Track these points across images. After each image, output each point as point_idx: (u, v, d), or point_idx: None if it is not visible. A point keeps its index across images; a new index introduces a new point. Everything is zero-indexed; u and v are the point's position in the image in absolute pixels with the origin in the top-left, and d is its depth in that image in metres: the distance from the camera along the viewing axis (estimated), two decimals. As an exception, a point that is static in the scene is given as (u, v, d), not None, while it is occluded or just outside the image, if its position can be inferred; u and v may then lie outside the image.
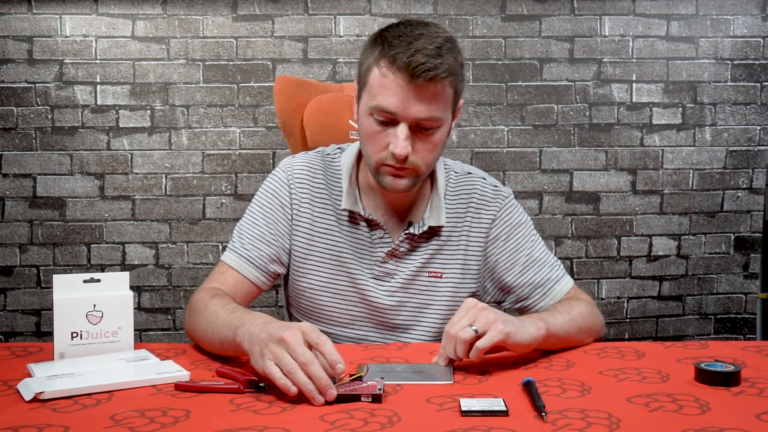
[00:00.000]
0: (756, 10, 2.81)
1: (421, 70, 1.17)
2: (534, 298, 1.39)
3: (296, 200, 1.39)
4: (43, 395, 0.96)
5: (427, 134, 1.24)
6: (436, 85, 1.20)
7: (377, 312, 1.38)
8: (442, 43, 1.20)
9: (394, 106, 1.20)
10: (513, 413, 0.92)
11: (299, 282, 1.41)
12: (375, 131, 1.25)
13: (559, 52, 2.77)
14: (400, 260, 1.37)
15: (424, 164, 1.26)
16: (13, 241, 2.68)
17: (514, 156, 2.78)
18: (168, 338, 2.74)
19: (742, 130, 2.84)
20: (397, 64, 1.19)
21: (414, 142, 1.23)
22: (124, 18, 2.66)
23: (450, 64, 1.20)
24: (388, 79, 1.20)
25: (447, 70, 1.19)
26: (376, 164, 1.28)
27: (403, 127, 1.21)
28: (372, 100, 1.23)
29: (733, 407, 0.94)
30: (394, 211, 1.38)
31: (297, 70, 2.70)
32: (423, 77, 1.17)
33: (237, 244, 1.39)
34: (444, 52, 1.20)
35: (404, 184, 1.27)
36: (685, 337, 2.91)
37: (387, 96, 1.21)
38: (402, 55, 1.18)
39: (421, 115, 1.21)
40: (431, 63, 1.17)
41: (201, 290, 1.33)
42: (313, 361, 0.97)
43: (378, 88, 1.22)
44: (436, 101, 1.21)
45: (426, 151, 1.25)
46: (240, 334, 1.08)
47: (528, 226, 1.43)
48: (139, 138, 2.69)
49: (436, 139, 1.25)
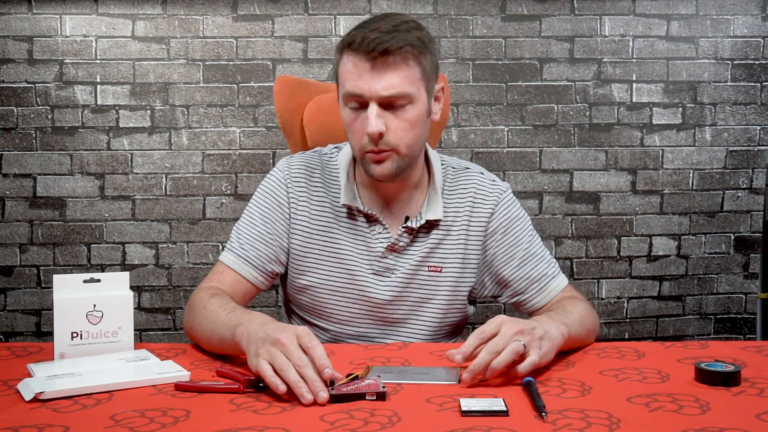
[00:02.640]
0: (756, 10, 2.81)
1: (375, 44, 1.21)
2: (530, 293, 1.40)
3: (294, 199, 1.40)
4: (43, 395, 0.96)
5: (399, 111, 1.26)
6: (395, 58, 1.23)
7: (377, 307, 1.39)
8: (400, 23, 1.25)
9: (359, 88, 1.24)
10: (513, 413, 0.92)
11: (298, 280, 1.41)
12: (352, 119, 1.28)
13: (559, 52, 2.77)
14: (400, 255, 1.38)
15: (403, 144, 1.27)
16: (13, 241, 2.68)
17: (514, 156, 2.78)
18: (168, 338, 2.74)
19: (742, 130, 2.84)
20: (354, 46, 1.24)
21: (388, 121, 1.25)
22: (124, 18, 2.66)
23: (407, 38, 1.23)
24: (350, 64, 1.25)
25: (403, 41, 1.23)
26: (360, 154, 1.30)
27: (372, 106, 1.24)
28: (342, 89, 1.28)
29: (733, 407, 0.94)
30: (392, 205, 1.39)
31: (297, 70, 2.70)
32: (377, 50, 1.21)
33: (235, 244, 1.39)
34: (401, 29, 1.24)
35: (390, 168, 1.28)
36: (685, 337, 2.91)
37: (352, 80, 1.25)
38: (358, 36, 1.23)
39: (386, 92, 1.23)
40: (386, 37, 1.22)
41: (200, 290, 1.33)
42: (308, 364, 0.98)
43: (344, 76, 1.27)
44: (398, 75, 1.23)
45: (402, 131, 1.27)
46: (239, 333, 1.09)
47: (525, 221, 1.43)
48: (139, 138, 2.69)
49: (410, 117, 1.27)
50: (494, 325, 1.08)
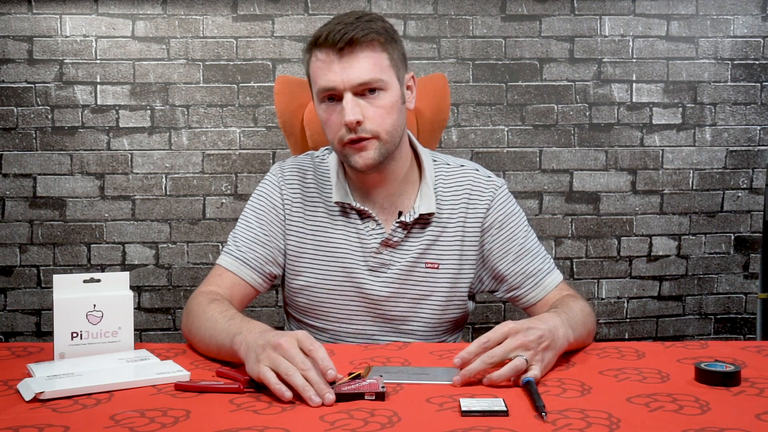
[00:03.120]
0: (756, 10, 2.81)
1: (340, 35, 1.24)
2: (525, 288, 1.41)
3: (288, 200, 1.41)
4: (43, 395, 0.96)
5: (373, 98, 1.28)
6: (362, 46, 1.26)
7: (374, 304, 1.39)
8: (363, 14, 1.29)
9: (331, 81, 1.27)
10: (513, 413, 0.92)
11: (295, 281, 1.42)
12: (328, 114, 1.30)
13: (559, 52, 2.77)
14: (395, 250, 1.38)
15: (382, 130, 1.29)
16: (13, 241, 2.68)
17: (514, 156, 2.78)
18: (168, 338, 2.74)
19: (742, 130, 2.84)
20: (320, 41, 1.27)
21: (364, 109, 1.27)
22: (124, 18, 2.66)
23: (371, 26, 1.26)
24: (320, 61, 1.28)
25: (368, 30, 1.26)
26: (339, 146, 1.31)
27: (347, 95, 1.26)
28: (315, 86, 1.30)
29: (733, 407, 0.94)
30: (384, 201, 1.40)
31: (297, 70, 2.70)
32: (344, 41, 1.24)
33: (232, 248, 1.40)
34: (364, 21, 1.27)
35: (372, 156, 1.29)
36: (685, 337, 2.91)
37: (323, 75, 1.27)
38: (323, 32, 1.27)
39: (358, 80, 1.26)
40: (350, 28, 1.25)
41: (198, 294, 1.33)
42: (312, 367, 0.98)
43: (315, 73, 1.29)
44: (367, 61, 1.26)
45: (379, 117, 1.28)
46: (237, 342, 1.09)
47: (521, 217, 1.44)
48: (139, 138, 2.69)
49: (385, 103, 1.29)
50: (499, 334, 1.07)
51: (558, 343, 1.12)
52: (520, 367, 1.04)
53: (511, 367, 1.03)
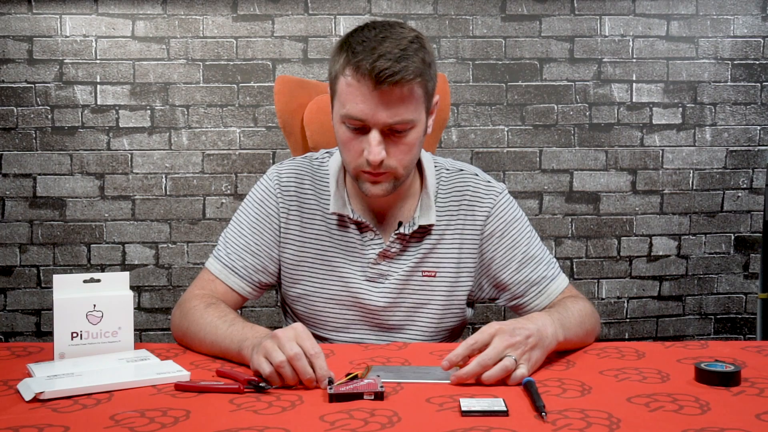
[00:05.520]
0: (756, 10, 2.81)
1: (386, 75, 1.15)
2: (529, 296, 1.38)
3: (284, 209, 1.38)
4: (43, 395, 0.96)
5: (401, 136, 1.22)
6: (403, 89, 1.18)
7: (372, 314, 1.38)
8: (407, 45, 1.18)
9: (363, 114, 1.19)
10: (513, 413, 0.92)
11: (292, 289, 1.40)
12: (349, 138, 1.24)
13: (559, 52, 2.77)
14: (393, 261, 1.36)
15: (401, 166, 1.25)
16: (13, 241, 2.68)
17: (514, 156, 2.78)
18: (168, 338, 2.74)
19: (742, 130, 2.84)
20: (361, 71, 1.17)
21: (388, 145, 1.22)
22: (124, 18, 2.66)
23: (416, 65, 1.18)
24: (354, 87, 1.19)
25: (413, 72, 1.18)
26: (354, 171, 1.27)
27: (375, 133, 1.20)
28: (342, 109, 1.22)
29: (733, 407, 0.94)
30: (384, 212, 1.37)
31: (297, 70, 2.70)
32: (388, 82, 1.16)
33: (222, 253, 1.38)
34: (409, 53, 1.18)
35: (383, 189, 1.26)
36: (685, 337, 2.91)
37: (355, 104, 1.19)
38: (365, 62, 1.16)
39: (391, 120, 1.19)
40: (396, 67, 1.16)
41: (193, 297, 1.33)
42: (301, 356, 1.01)
43: (346, 97, 1.20)
44: (404, 104, 1.19)
45: (401, 153, 1.24)
46: (245, 348, 1.12)
47: (523, 222, 1.40)
48: (139, 138, 2.69)
49: (410, 140, 1.24)
50: (486, 336, 1.07)
51: (546, 341, 1.12)
52: (510, 367, 1.04)
53: (501, 368, 1.04)
